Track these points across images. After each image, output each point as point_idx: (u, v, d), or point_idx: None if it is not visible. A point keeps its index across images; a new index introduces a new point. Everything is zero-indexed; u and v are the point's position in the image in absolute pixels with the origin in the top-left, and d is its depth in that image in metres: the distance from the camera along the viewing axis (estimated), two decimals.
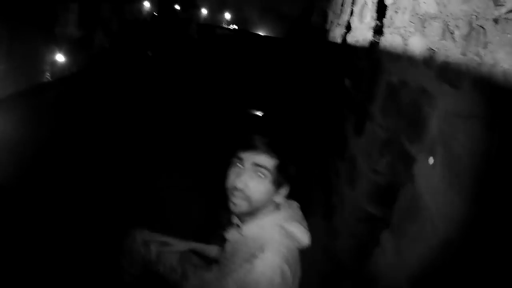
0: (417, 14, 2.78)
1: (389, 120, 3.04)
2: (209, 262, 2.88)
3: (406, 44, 2.93)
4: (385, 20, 3.78)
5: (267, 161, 2.00)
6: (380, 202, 3.25)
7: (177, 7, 18.73)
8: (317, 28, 13.89)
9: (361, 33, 5.22)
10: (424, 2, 2.64)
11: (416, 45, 2.68)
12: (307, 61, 10.68)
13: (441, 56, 2.23)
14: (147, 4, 16.03)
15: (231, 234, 2.25)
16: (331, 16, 11.74)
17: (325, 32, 11.92)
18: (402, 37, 3.04)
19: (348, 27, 6.80)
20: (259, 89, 9.43)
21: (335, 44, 8.57)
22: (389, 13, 3.67)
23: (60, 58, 10.06)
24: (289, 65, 10.89)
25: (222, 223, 3.14)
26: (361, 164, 3.72)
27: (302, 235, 2.06)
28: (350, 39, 6.29)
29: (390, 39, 3.40)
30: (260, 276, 1.88)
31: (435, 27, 2.37)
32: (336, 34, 8.51)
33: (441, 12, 2.31)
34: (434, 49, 2.33)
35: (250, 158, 2.02)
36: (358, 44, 5.43)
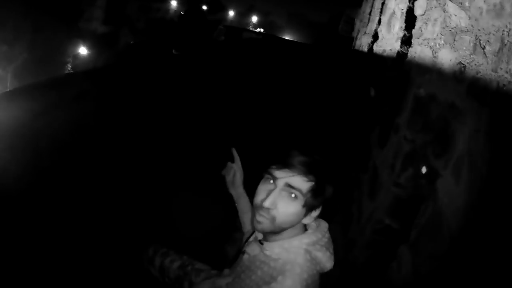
0: (448, 26, 2.74)
1: (415, 133, 3.00)
2: (215, 267, 2.82)
3: (435, 57, 2.89)
4: (414, 31, 3.74)
5: (302, 183, 1.83)
6: (400, 215, 3.21)
7: (205, 7, 18.77)
8: (344, 36, 13.87)
9: (389, 43, 5.18)
10: (455, 15, 2.60)
11: (446, 58, 2.64)
12: (334, 69, 10.63)
13: (471, 71, 2.19)
14: (174, 3, 16.07)
15: (252, 249, 2.11)
16: (358, 25, 11.71)
17: (352, 40, 11.90)
18: (432, 49, 3.00)
19: (375, 36, 6.76)
20: (287, 96, 9.37)
21: (361, 52, 8.53)
22: (418, 24, 3.63)
23: (83, 51, 10.11)
24: (316, 72, 10.83)
25: (238, 227, 3.12)
26: (383, 176, 3.67)
27: (326, 261, 1.97)
28: (377, 48, 6.26)
29: (419, 51, 3.36)
30: None
31: (466, 41, 2.33)
32: (363, 43, 8.48)
33: (472, 26, 2.27)
34: (464, 63, 2.29)
35: (284, 178, 1.85)
36: (385, 54, 5.39)
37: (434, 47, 2.95)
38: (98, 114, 7.09)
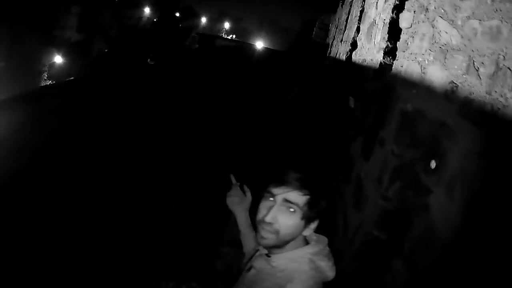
0: (437, 43, 2.77)
1: (402, 148, 3.03)
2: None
3: (424, 73, 2.92)
4: (399, 44, 3.77)
5: (298, 198, 2.00)
6: (388, 227, 3.25)
7: (177, 14, 18.74)
8: (318, 42, 13.93)
9: (369, 52, 5.22)
10: (446, 32, 2.64)
11: (436, 75, 2.67)
12: (308, 76, 10.65)
13: (464, 91, 2.22)
14: (147, 10, 16.02)
15: (258, 263, 2.24)
16: (333, 31, 11.75)
17: (326, 47, 11.93)
18: (420, 64, 3.03)
19: (354, 45, 6.80)
20: (262, 104, 9.36)
21: (338, 60, 8.57)
22: (404, 37, 3.66)
23: (58, 59, 10.19)
24: (290, 79, 10.85)
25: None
26: (369, 188, 3.71)
27: (329, 270, 2.08)
28: (356, 57, 6.30)
29: (406, 65, 3.39)
30: None
31: (458, 60, 2.36)
32: (340, 51, 8.52)
33: (465, 45, 2.30)
34: (456, 83, 2.33)
35: (282, 194, 2.01)
36: (365, 64, 5.42)
37: (423, 62, 2.98)
38: (75, 126, 7.07)
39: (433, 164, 2.56)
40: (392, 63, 3.91)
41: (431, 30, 2.95)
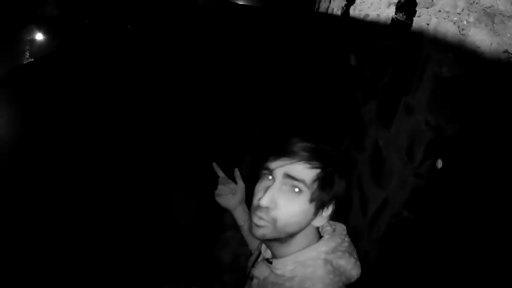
0: (477, 3, 2.54)
1: (443, 121, 2.80)
2: None
3: (463, 35, 2.69)
4: None
5: (305, 172, 1.56)
6: (417, 206, 3.05)
7: None
8: None
9: (374, 7, 4.99)
10: None
11: (482, 40, 2.44)
12: (294, 33, 10.45)
13: None
14: None
15: (260, 271, 1.86)
16: None
17: (313, 1, 11.70)
18: (456, 24, 2.80)
19: None
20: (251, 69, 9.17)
21: (331, 16, 8.33)
22: None
23: (39, 37, 10.18)
24: (276, 37, 10.65)
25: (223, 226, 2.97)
26: (394, 161, 3.49)
27: (352, 268, 1.76)
28: (356, 12, 6.07)
29: (434, 23, 3.15)
30: None
31: (511, 29, 2.11)
32: (333, 6, 8.27)
33: None
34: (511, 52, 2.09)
35: (282, 167, 1.58)
36: (368, 19, 5.20)
37: (460, 23, 2.75)
38: (50, 107, 6.93)
39: (439, 164, 2.36)
40: (409, 19, 3.67)
41: None
